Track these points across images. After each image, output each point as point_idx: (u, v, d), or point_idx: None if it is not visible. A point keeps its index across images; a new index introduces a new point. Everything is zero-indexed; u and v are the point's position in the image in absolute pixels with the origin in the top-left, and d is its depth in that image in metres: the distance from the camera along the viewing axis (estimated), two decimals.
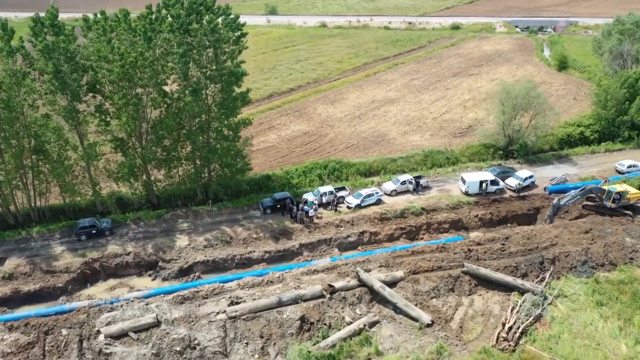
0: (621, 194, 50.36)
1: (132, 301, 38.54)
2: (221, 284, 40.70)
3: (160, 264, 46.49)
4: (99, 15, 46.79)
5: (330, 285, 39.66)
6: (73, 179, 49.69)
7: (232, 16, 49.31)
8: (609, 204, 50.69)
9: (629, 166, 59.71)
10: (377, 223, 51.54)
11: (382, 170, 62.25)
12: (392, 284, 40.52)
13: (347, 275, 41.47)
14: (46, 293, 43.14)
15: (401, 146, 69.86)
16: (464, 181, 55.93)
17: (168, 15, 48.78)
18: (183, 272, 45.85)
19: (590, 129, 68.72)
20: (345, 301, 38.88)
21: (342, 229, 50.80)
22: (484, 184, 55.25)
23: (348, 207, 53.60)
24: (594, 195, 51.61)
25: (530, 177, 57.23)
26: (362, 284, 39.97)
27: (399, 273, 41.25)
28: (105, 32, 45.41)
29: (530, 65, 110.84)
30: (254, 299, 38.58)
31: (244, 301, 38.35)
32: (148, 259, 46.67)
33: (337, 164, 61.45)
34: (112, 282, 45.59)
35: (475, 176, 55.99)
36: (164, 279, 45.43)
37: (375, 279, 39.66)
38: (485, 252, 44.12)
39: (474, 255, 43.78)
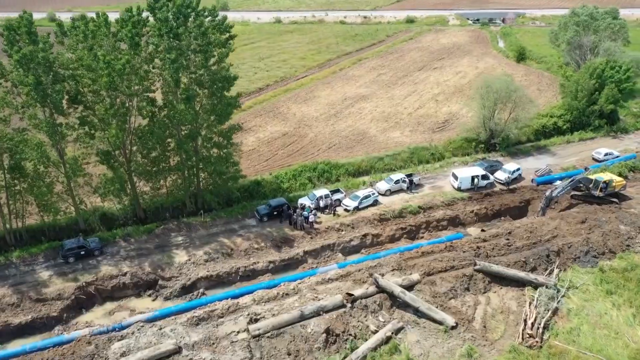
0: (607, 183, 52.30)
1: (143, 326, 36.11)
2: (235, 300, 38.89)
3: (160, 282, 43.98)
4: (76, 21, 43.28)
5: (349, 294, 38.74)
6: (53, 197, 45.96)
7: (219, 17, 47.04)
8: (597, 192, 52.56)
9: (606, 154, 62.27)
10: (378, 224, 51.05)
11: (370, 170, 61.83)
12: (409, 287, 40.12)
13: (364, 282, 40.71)
14: (39, 324, 39.77)
15: (384, 144, 69.70)
16: (455, 177, 56.38)
17: (149, 18, 45.99)
18: (186, 290, 43.59)
19: (562, 119, 71.08)
20: (367, 309, 38.09)
21: (343, 232, 49.96)
22: (475, 179, 55.93)
23: (346, 210, 52.78)
24: (582, 185, 53.29)
25: (518, 169, 58.50)
26: (380, 290, 39.31)
27: (415, 276, 40.90)
28: (87, 38, 42.04)
29: (489, 58, 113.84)
30: (274, 315, 37.09)
31: (264, 317, 36.81)
32: (146, 278, 44.02)
33: (326, 166, 60.44)
34: (109, 305, 42.65)
35: (466, 172, 56.56)
36: (166, 299, 43.00)
37: (394, 284, 39.10)
38: (493, 249, 44.56)
39: (483, 252, 44.12)
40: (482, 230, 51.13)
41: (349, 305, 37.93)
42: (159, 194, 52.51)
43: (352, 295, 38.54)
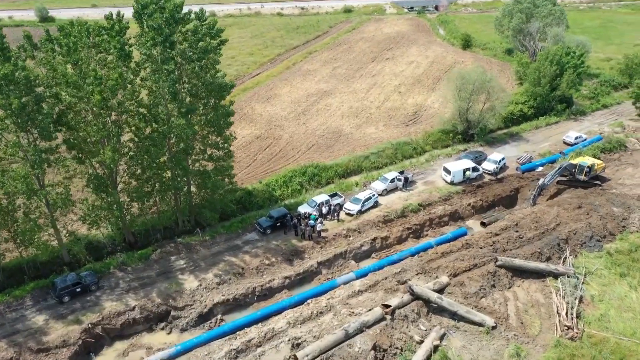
0: (591, 167, 54.85)
1: None
2: (269, 325, 36.63)
3: (172, 313, 40.50)
4: (64, 28, 38.18)
5: (385, 305, 37.75)
6: (36, 230, 40.79)
7: (208, 21, 43.57)
8: (582, 177, 55.00)
9: (576, 137, 65.38)
10: (383, 226, 50.22)
11: (358, 169, 60.81)
12: (439, 290, 39.81)
13: (394, 291, 39.86)
14: None
15: (362, 141, 68.90)
16: (448, 171, 56.74)
17: (128, 24, 41.69)
18: (203, 318, 40.48)
19: (526, 105, 73.73)
20: (407, 319, 37.32)
21: (351, 238, 48.66)
22: (467, 172, 56.60)
23: (349, 215, 51.45)
24: (567, 171, 55.48)
25: (503, 159, 59.92)
26: (415, 297, 38.64)
27: (444, 279, 40.62)
28: (70, 51, 37.18)
29: (435, 46, 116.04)
30: (315, 336, 35.35)
31: (306, 341, 34.95)
32: (157, 310, 40.34)
33: (315, 169, 58.63)
34: (120, 345, 38.63)
35: (458, 165, 57.06)
36: (183, 330, 39.67)
37: (429, 290, 38.57)
38: (507, 242, 45.28)
39: (499, 247, 44.72)
40: (482, 223, 51.89)
41: (389, 317, 36.94)
42: (147, 214, 48.26)
43: (390, 306, 37.58)
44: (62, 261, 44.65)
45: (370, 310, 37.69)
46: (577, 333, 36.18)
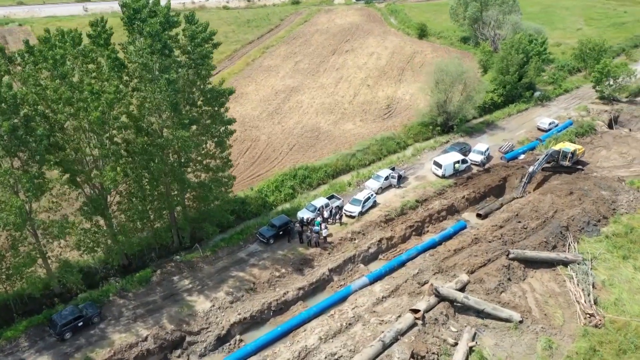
0: (573, 152, 56.75)
1: None
2: (301, 344, 35.05)
3: (188, 339, 37.95)
4: (49, 37, 34.15)
5: (413, 310, 37.17)
6: (30, 265, 36.89)
7: (198, 24, 40.66)
8: (565, 162, 56.81)
9: (550, 123, 67.49)
10: (386, 226, 49.58)
11: (347, 168, 59.77)
12: (461, 289, 39.73)
13: (417, 294, 39.39)
14: None
15: (343, 138, 67.84)
16: (439, 165, 56.82)
17: (112, 29, 38.24)
18: (221, 340, 38.26)
19: (496, 93, 75.31)
20: (437, 322, 36.94)
21: (357, 241, 47.66)
22: (456, 165, 56.98)
23: (350, 217, 50.36)
24: (552, 157, 57.11)
25: (488, 149, 60.81)
26: (441, 298, 38.31)
27: (464, 277, 40.56)
28: (56, 64, 33.33)
29: (392, 36, 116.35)
30: (350, 350, 34.23)
31: (343, 357, 33.74)
32: (172, 337, 37.62)
33: (305, 171, 56.99)
34: None
35: (448, 158, 57.26)
36: (202, 355, 37.33)
37: (455, 291, 38.36)
38: (514, 234, 45.91)
39: (507, 239, 45.25)
40: (478, 215, 52.45)
41: (420, 322, 36.39)
42: (142, 233, 45.01)
43: (418, 310, 37.04)
44: (52, 293, 40.80)
45: (399, 316, 37.05)
46: (600, 320, 37.17)
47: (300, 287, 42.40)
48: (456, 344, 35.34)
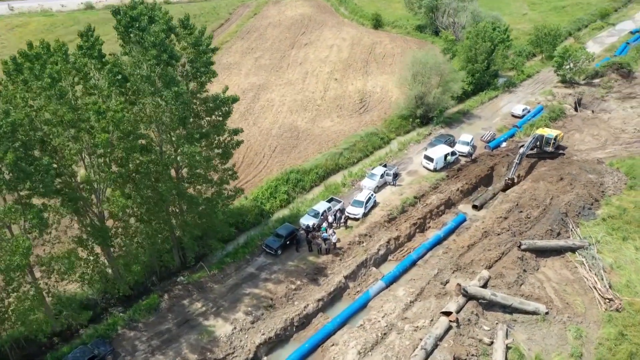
0: (555, 138, 58.43)
1: None
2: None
3: None
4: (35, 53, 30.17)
5: (445, 313, 36.77)
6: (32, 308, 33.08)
7: (193, 28, 37.71)
8: (549, 148, 58.42)
9: (523, 110, 69.17)
10: (390, 226, 48.90)
11: (336, 167, 58.48)
12: (484, 285, 39.78)
13: (443, 295, 39.04)
14: None
15: (324, 136, 66.35)
16: (430, 159, 56.68)
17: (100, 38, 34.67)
18: None
19: (466, 82, 76.19)
20: (470, 322, 36.74)
21: (365, 244, 46.69)
22: (447, 157, 57.15)
23: (354, 219, 49.21)
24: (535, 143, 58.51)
25: (472, 139, 61.42)
26: (469, 297, 38.13)
27: (485, 273, 40.64)
28: (54, 81, 29.58)
29: (347, 27, 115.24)
30: None
31: None
32: None
33: (297, 174, 55.16)
34: None
35: (438, 152, 57.20)
36: None
37: (482, 289, 38.30)
38: (520, 225, 46.54)
39: (515, 230, 45.80)
40: (474, 206, 52.90)
41: (455, 324, 36.05)
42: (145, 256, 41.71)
43: (450, 312, 36.69)
44: (51, 332, 36.93)
45: (432, 320, 36.55)
46: (620, 304, 38.38)
47: (319, 299, 40.92)
48: (492, 342, 35.30)
